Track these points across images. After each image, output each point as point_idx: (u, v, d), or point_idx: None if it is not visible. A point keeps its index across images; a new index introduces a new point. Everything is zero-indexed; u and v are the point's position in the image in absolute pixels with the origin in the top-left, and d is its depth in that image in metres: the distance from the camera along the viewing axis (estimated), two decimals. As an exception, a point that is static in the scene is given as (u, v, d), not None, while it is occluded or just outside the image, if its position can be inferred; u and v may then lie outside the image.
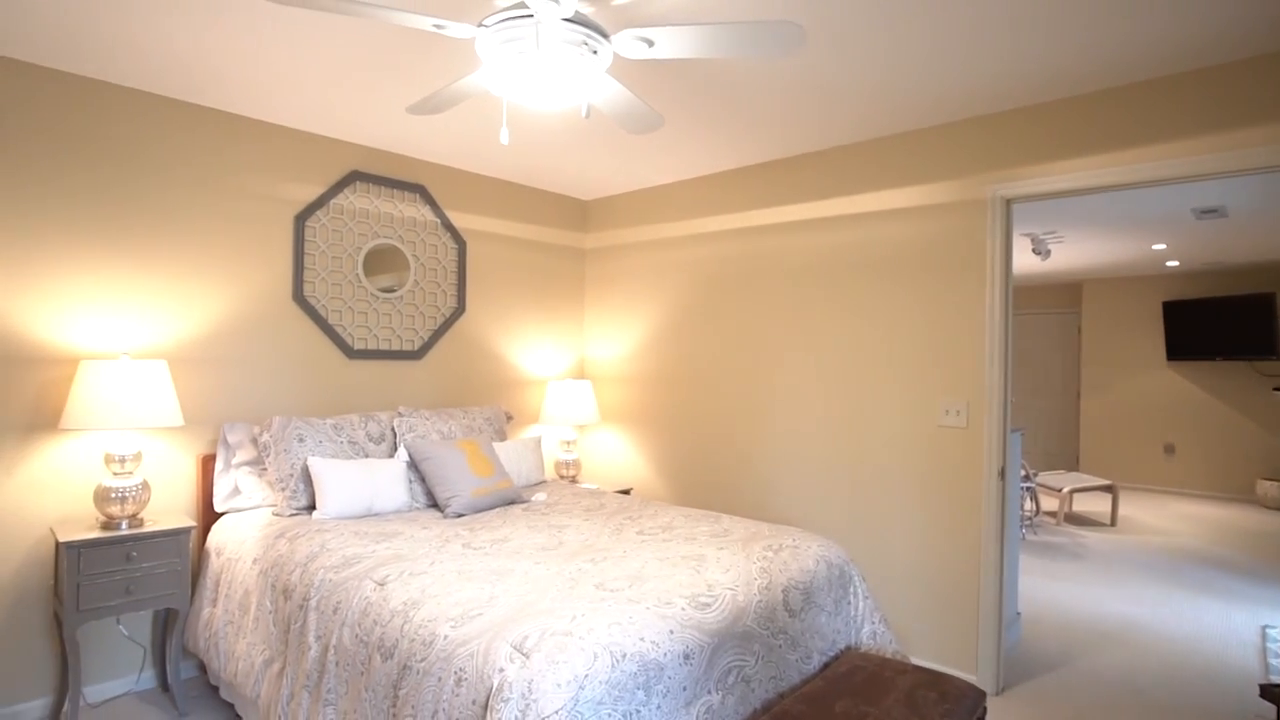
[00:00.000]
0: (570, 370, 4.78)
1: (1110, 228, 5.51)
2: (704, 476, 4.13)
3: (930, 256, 3.27)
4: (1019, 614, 3.80)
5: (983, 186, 3.11)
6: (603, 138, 3.51)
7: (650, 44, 1.95)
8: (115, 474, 2.72)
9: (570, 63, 1.91)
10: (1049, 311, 8.98)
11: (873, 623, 2.63)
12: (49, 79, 2.77)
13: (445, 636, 1.80)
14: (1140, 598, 4.32)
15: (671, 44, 1.94)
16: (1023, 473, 5.76)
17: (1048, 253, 6.19)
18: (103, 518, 2.72)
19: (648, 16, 2.25)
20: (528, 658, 1.64)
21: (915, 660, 3.25)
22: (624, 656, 1.72)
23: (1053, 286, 8.95)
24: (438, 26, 1.88)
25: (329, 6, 1.75)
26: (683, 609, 1.96)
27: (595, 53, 1.95)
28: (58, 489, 2.80)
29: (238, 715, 2.77)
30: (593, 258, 4.84)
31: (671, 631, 1.86)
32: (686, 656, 1.85)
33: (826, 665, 2.37)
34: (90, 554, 2.56)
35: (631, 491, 4.44)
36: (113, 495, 2.68)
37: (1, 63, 2.66)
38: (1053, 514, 6.65)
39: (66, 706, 2.60)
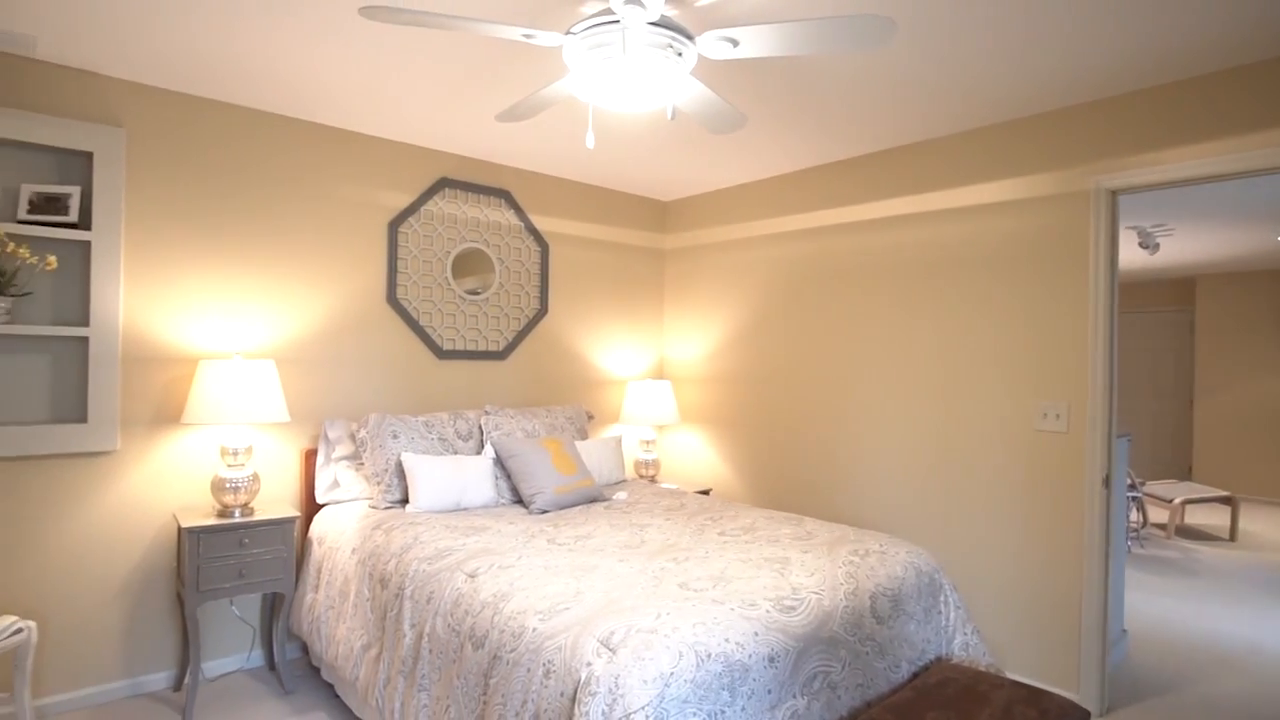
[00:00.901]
0: (650, 370, 4.81)
1: (1229, 219, 5.10)
2: (784, 478, 4.08)
3: (1028, 252, 3.12)
4: (1125, 631, 3.57)
5: (1085, 177, 2.95)
6: (684, 138, 3.52)
7: (735, 44, 1.94)
8: (229, 465, 2.92)
9: (655, 66, 1.93)
10: (1157, 309, 8.40)
11: (965, 633, 2.54)
12: (176, 102, 3.00)
13: (534, 629, 1.85)
14: (1263, 620, 3.99)
15: (757, 43, 1.93)
16: (1129, 481, 5.42)
17: (1156, 246, 5.80)
18: (218, 506, 2.93)
19: (732, 16, 2.25)
20: (614, 653, 1.67)
21: (1010, 675, 3.10)
22: (709, 656, 1.72)
23: (1162, 282, 8.37)
24: (527, 36, 1.93)
25: (426, 22, 1.83)
26: (767, 611, 1.95)
27: (680, 55, 1.96)
28: (179, 478, 3.03)
29: (337, 695, 2.92)
30: (672, 258, 4.85)
31: (756, 634, 1.85)
32: (771, 659, 1.84)
33: (916, 675, 2.31)
34: (208, 539, 2.76)
35: (711, 492, 4.43)
36: (227, 485, 2.87)
37: (134, 88, 2.91)
38: (1162, 526, 6.22)
39: (188, 679, 2.81)
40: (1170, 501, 5.83)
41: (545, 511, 3.11)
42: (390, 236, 3.59)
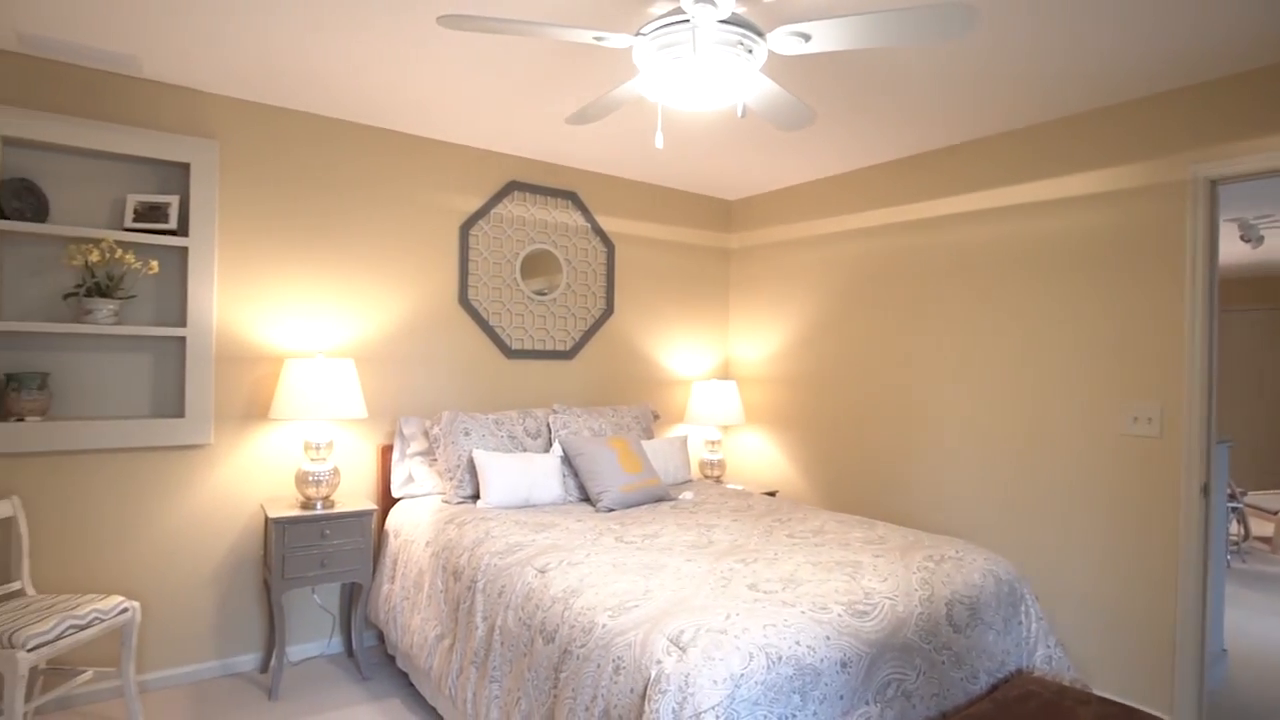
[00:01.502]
0: (715, 370, 4.79)
1: (1344, 209, 4.72)
2: (853, 481, 3.99)
3: (1118, 246, 2.96)
4: (1224, 651, 3.35)
5: (1182, 166, 2.78)
6: (750, 137, 3.49)
7: (807, 38, 1.91)
8: (312, 459, 3.05)
9: (726, 64, 1.92)
10: (1262, 306, 7.83)
11: (1048, 646, 2.43)
12: (263, 114, 3.17)
13: (603, 625, 1.87)
14: (1385, 643, 3.67)
15: (829, 37, 1.90)
16: (1229, 491, 5.08)
17: (1260, 239, 5.41)
18: (301, 498, 3.06)
19: (803, 10, 2.22)
20: (684, 652, 1.67)
21: (1097, 692, 2.95)
22: (780, 659, 1.70)
23: (1267, 278, 7.80)
24: (598, 39, 1.95)
25: (501, 29, 1.87)
26: (839, 615, 1.91)
27: (750, 52, 1.95)
28: (266, 471, 3.19)
29: (411, 684, 3.02)
30: (738, 258, 4.82)
31: (828, 638, 1.82)
32: (844, 664, 1.80)
33: (995, 687, 2.22)
34: (293, 529, 2.90)
35: (777, 494, 4.37)
36: (310, 478, 3.01)
37: (226, 102, 3.08)
38: (1266, 540, 5.81)
39: (273, 662, 2.95)
40: (1275, 513, 5.44)
41: (612, 510, 3.13)
42: (461, 239, 3.69)
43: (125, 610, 2.58)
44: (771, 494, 4.24)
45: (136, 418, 2.91)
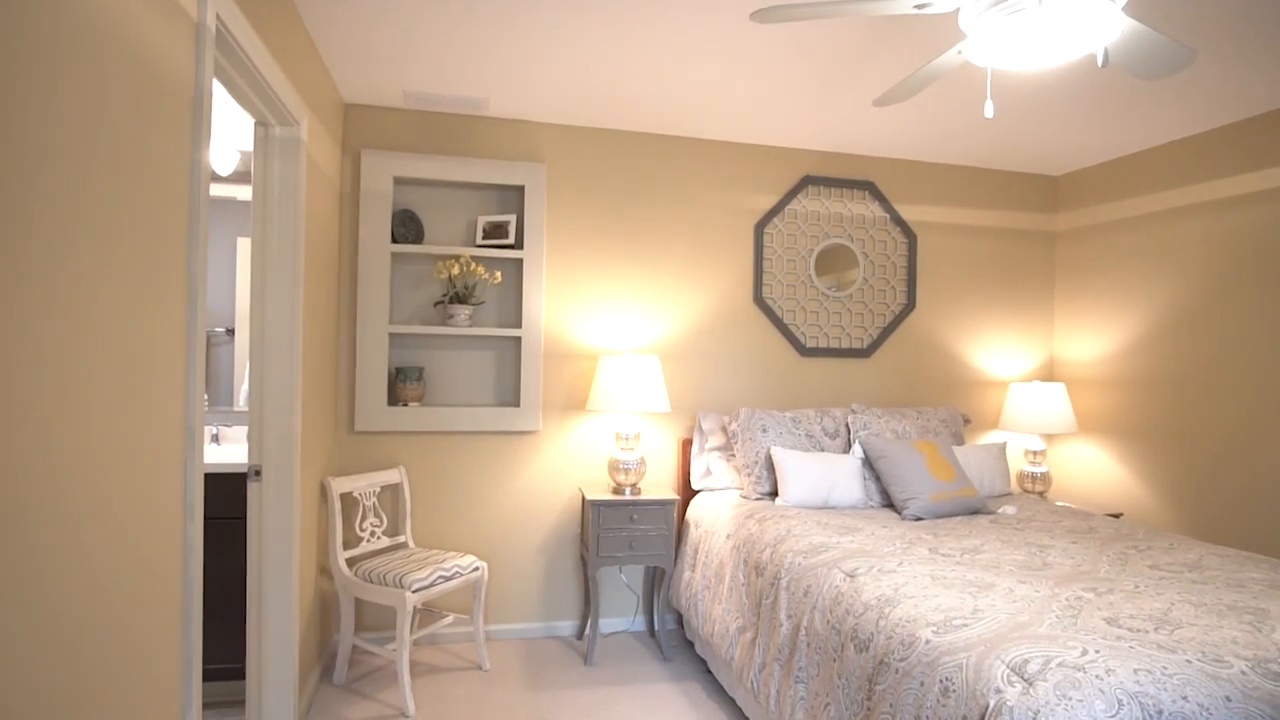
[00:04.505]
0: (1036, 371, 4.21)
1: None
2: (1234, 509, 3.21)
3: None
4: None
5: None
6: (1087, 96, 2.99)
7: (1193, -40, 1.56)
8: (622, 449, 3.29)
9: (1080, 9, 1.64)
10: None
11: None
12: (579, 135, 3.51)
13: (926, 641, 1.72)
14: None
15: (1228, -49, 1.52)
16: None
17: None
18: (612, 484, 3.32)
19: (1180, -70, 1.82)
20: (1031, 685, 1.46)
21: None
22: (1160, 713, 1.40)
23: None
24: (919, 7, 1.81)
25: (816, 14, 1.82)
26: (1243, 673, 1.52)
27: (1113, -11, 1.65)
28: (582, 458, 3.52)
29: (708, 671, 3.10)
30: (1065, 241, 4.18)
31: (1228, 698, 1.46)
32: (1252, 735, 1.43)
33: None
34: (606, 511, 3.15)
35: (1122, 517, 3.70)
36: (620, 466, 3.25)
37: (551, 129, 3.48)
38: None
39: (588, 631, 3.24)
40: None
41: (920, 519, 2.90)
42: (756, 237, 3.72)
43: (477, 568, 3.03)
44: (1115, 516, 3.60)
45: (484, 406, 3.41)
